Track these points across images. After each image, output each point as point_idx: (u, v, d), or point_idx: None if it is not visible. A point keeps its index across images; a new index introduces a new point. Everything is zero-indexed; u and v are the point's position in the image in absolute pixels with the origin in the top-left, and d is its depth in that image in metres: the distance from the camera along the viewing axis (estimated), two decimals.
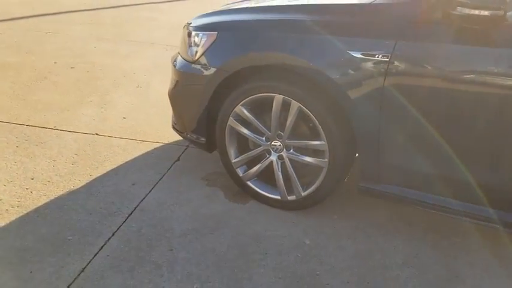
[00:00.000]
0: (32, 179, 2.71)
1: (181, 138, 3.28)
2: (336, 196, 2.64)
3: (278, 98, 2.30)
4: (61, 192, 2.59)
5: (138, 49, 5.63)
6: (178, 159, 3.03)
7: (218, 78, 2.42)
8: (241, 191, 2.65)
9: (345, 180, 2.47)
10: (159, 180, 2.77)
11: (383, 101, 2.05)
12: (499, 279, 2.11)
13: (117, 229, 2.31)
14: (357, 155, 2.34)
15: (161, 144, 3.23)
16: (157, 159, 3.01)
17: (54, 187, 2.64)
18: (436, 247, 2.30)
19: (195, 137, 2.67)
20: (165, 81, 4.52)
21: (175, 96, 2.68)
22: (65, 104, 3.82)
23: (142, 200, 2.56)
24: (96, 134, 3.32)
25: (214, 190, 2.70)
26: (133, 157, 3.03)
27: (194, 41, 2.59)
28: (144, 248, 2.19)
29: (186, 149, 3.18)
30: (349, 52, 2.08)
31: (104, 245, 2.19)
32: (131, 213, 2.44)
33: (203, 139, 2.64)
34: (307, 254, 2.21)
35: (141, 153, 3.08)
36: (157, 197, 2.60)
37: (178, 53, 2.87)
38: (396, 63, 1.99)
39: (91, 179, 2.74)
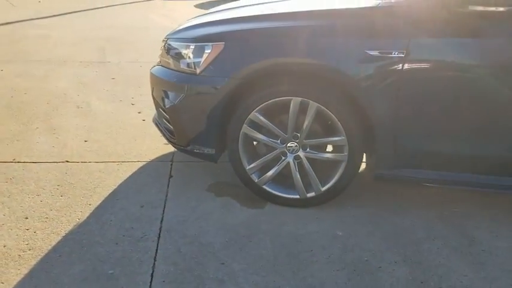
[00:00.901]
0: (26, 218, 2.44)
1: (162, 153, 3.20)
2: None
3: (296, 101, 2.39)
4: (69, 227, 2.37)
5: (52, 68, 5.22)
6: (171, 176, 2.94)
7: (230, 88, 2.43)
8: (252, 196, 2.68)
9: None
10: (166, 198, 2.67)
11: (400, 93, 2.27)
12: (506, 235, 2.44)
13: (156, 253, 2.20)
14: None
15: (143, 162, 3.10)
16: (150, 178, 2.89)
17: (58, 223, 2.41)
18: (443, 218, 2.57)
19: (201, 149, 2.63)
20: (103, 98, 4.28)
21: (179, 110, 2.60)
22: (9, 134, 3.43)
23: (162, 221, 2.46)
24: (67, 162, 3.06)
25: (226, 199, 2.69)
26: (122, 179, 2.87)
27: (187, 53, 2.56)
28: (195, 267, 2.12)
29: (172, 164, 3.09)
30: (367, 51, 2.26)
31: (152, 272, 2.08)
32: (159, 236, 2.33)
33: (212, 150, 2.61)
34: (347, 244, 2.33)
35: (128, 175, 2.93)
36: (175, 215, 2.51)
37: (162, 66, 2.80)
38: (411, 58, 2.21)
39: (93, 208, 2.55)
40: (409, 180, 2.46)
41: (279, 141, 2.53)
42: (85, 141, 3.39)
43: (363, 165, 2.76)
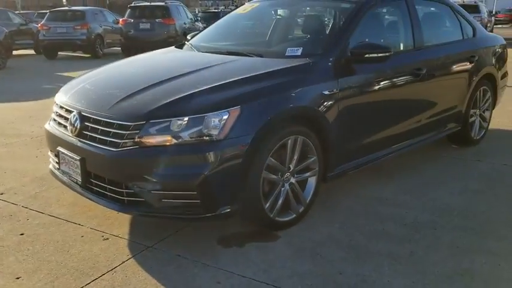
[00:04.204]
0: None
1: (120, 250, 2.93)
2: None
3: (292, 139, 3.00)
4: None
5: None
6: (178, 255, 2.82)
7: (257, 142, 2.77)
8: (261, 232, 3.06)
9: None
10: (220, 267, 2.67)
11: (340, 113, 3.31)
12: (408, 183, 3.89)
13: None
14: None
15: (127, 260, 2.75)
16: (168, 266, 2.70)
17: None
18: (362, 198, 3.77)
19: (230, 207, 2.77)
20: None
21: (211, 179, 2.64)
22: None
23: (254, 278, 2.56)
24: None
25: (252, 245, 2.92)
26: (146, 277, 2.57)
27: (198, 123, 2.68)
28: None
29: (152, 248, 2.89)
30: (323, 92, 3.17)
31: None
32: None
33: (238, 204, 2.81)
34: (374, 223, 3.22)
35: (143, 276, 2.62)
36: (254, 273, 2.62)
37: (144, 147, 2.70)
38: (341, 89, 3.29)
39: None
40: (348, 171, 3.53)
41: (279, 175, 3.04)
42: (17, 278, 2.57)
43: None
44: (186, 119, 2.68)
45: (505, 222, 3.29)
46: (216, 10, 26.29)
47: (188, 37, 4.54)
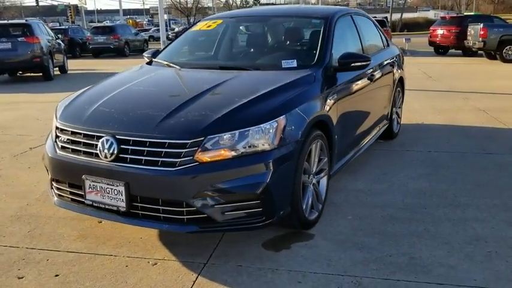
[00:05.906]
0: None
1: (181, 273, 2.90)
2: None
3: (316, 143, 3.29)
4: None
5: None
6: (240, 265, 2.88)
7: (300, 148, 3.00)
8: (296, 233, 3.28)
9: None
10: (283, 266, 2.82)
11: (337, 118, 3.69)
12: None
13: None
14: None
15: (194, 285, 2.74)
16: (244, 286, 2.76)
17: None
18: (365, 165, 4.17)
19: (286, 211, 2.96)
20: None
21: (271, 186, 2.78)
22: None
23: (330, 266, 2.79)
24: None
25: (297, 246, 3.12)
26: None
27: (253, 134, 2.81)
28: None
29: (206, 264, 2.91)
30: (328, 99, 3.52)
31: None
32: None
33: (289, 208, 2.99)
34: (368, 215, 3.59)
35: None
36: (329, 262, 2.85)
37: (205, 162, 2.75)
38: (337, 96, 3.68)
39: None
40: (340, 168, 3.91)
41: (307, 177, 3.29)
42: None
43: None
44: (240, 131, 2.78)
45: (467, 195, 3.98)
46: (64, 27, 24.72)
47: (146, 54, 4.46)
